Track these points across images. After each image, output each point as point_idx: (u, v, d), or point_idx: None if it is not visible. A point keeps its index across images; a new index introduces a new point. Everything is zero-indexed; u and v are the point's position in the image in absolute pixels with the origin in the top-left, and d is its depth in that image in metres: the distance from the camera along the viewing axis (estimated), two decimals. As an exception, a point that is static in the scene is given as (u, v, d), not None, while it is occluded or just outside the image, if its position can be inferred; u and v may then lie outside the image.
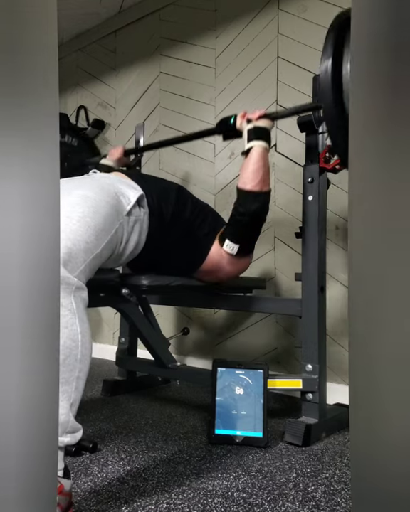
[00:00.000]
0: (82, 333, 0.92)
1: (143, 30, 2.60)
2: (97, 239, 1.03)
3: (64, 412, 0.87)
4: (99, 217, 1.05)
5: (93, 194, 1.08)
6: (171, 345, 1.84)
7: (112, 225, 1.10)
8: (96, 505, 0.94)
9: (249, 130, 1.38)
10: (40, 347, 0.41)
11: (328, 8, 1.86)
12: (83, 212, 1.02)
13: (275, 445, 1.30)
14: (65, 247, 0.94)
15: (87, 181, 1.18)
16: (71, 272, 0.93)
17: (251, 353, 2.03)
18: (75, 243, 0.96)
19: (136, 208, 1.20)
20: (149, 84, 2.55)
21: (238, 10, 2.16)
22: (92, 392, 1.85)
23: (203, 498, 0.98)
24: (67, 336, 0.89)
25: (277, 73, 2.02)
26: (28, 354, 0.40)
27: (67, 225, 0.97)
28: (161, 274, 1.39)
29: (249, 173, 1.33)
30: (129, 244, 1.20)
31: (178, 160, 2.38)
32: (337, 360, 1.77)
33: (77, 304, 0.93)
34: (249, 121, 1.40)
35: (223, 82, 2.22)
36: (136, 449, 1.25)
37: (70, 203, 1.03)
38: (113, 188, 1.17)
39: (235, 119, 1.45)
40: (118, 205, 1.14)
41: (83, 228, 0.99)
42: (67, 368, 0.89)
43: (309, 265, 1.40)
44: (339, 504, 0.96)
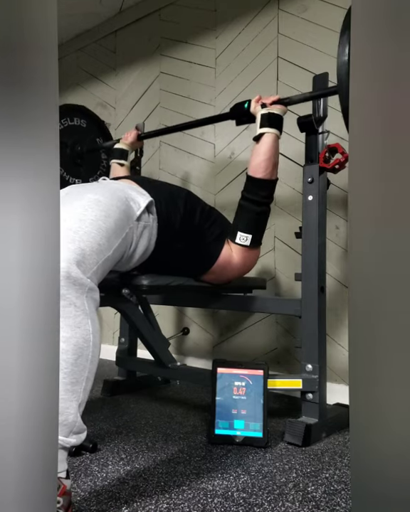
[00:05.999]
0: (93, 334, 0.93)
1: (143, 30, 2.60)
2: (109, 241, 1.05)
3: (73, 412, 0.87)
4: (110, 220, 1.07)
5: (104, 199, 1.10)
6: (171, 345, 1.84)
7: (123, 229, 1.12)
8: (96, 505, 0.94)
9: (263, 115, 1.39)
10: (40, 348, 0.41)
11: (328, 8, 1.86)
12: (96, 216, 1.04)
13: (275, 445, 1.30)
14: (79, 248, 0.95)
15: (99, 187, 1.20)
16: (84, 273, 0.94)
17: (251, 353, 2.03)
18: (88, 245, 0.98)
19: (145, 214, 1.22)
20: (149, 84, 2.55)
21: (238, 10, 2.17)
22: (92, 392, 1.85)
23: (203, 498, 0.98)
24: (79, 335, 0.90)
25: (277, 73, 2.02)
26: (29, 354, 0.40)
27: (81, 227, 0.99)
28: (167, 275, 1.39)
29: (260, 161, 1.35)
30: (138, 248, 1.21)
31: (178, 160, 2.38)
32: (337, 360, 1.77)
33: (89, 305, 0.94)
34: (263, 105, 1.41)
35: (223, 82, 2.22)
36: (136, 449, 1.25)
37: (83, 206, 1.06)
38: (123, 193, 1.19)
39: (249, 103, 1.46)
40: (128, 210, 1.16)
41: (96, 231, 1.01)
42: (78, 368, 0.89)
43: (309, 265, 1.40)
44: (339, 504, 0.96)
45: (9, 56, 0.38)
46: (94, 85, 2.87)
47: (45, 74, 0.41)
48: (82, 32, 2.91)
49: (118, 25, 2.72)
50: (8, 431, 0.39)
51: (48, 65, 0.41)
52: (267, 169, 1.35)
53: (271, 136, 1.36)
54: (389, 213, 0.39)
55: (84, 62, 2.94)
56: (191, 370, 1.77)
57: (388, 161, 0.39)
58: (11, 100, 0.38)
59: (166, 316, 2.35)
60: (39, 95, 0.40)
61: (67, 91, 3.02)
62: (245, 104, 1.47)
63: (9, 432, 0.39)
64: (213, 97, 2.26)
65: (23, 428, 0.40)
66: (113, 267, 1.16)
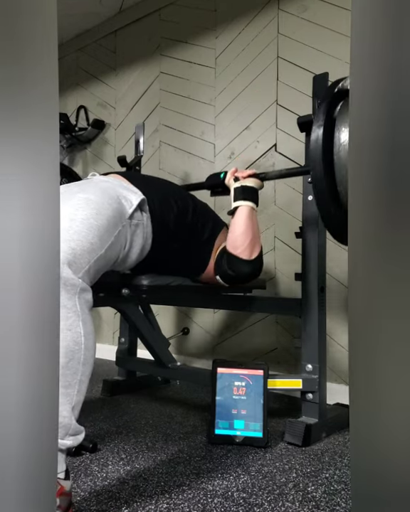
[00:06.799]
0: (85, 336, 0.91)
1: (143, 30, 2.60)
2: (101, 240, 1.03)
3: (66, 415, 0.87)
4: (102, 218, 1.05)
5: (95, 197, 1.09)
6: (171, 345, 1.84)
7: (115, 227, 1.10)
8: (96, 505, 0.94)
9: (236, 189, 1.35)
10: (40, 348, 0.41)
11: (328, 8, 1.86)
12: (86, 215, 1.02)
13: (275, 445, 1.30)
14: (69, 247, 0.94)
15: (89, 185, 1.18)
16: (75, 273, 0.93)
17: (251, 353, 2.03)
18: (79, 244, 0.96)
19: (138, 212, 1.20)
20: (149, 84, 2.55)
21: (238, 10, 2.17)
22: (92, 392, 1.85)
23: (203, 498, 0.98)
24: (70, 338, 0.89)
25: (277, 73, 2.02)
26: (28, 356, 0.40)
27: (71, 226, 0.98)
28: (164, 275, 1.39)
29: (237, 236, 1.30)
30: (134, 248, 1.20)
31: (178, 160, 2.38)
32: (337, 360, 1.77)
33: (81, 306, 0.92)
34: (237, 179, 1.38)
35: (223, 82, 2.22)
36: (136, 449, 1.25)
37: (73, 205, 1.04)
38: (114, 191, 1.18)
39: (225, 175, 1.43)
40: (120, 208, 1.14)
41: (87, 229, 0.99)
42: (70, 371, 0.88)
43: (309, 265, 1.40)
44: (339, 504, 0.96)
45: (9, 56, 0.38)
46: (94, 85, 2.87)
47: (45, 74, 0.41)
48: (82, 32, 2.91)
49: (118, 25, 2.72)
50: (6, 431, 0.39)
51: (48, 65, 0.41)
52: (245, 243, 1.28)
53: (246, 209, 1.32)
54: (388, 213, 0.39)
55: (84, 62, 2.94)
56: (191, 370, 1.77)
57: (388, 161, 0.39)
58: (11, 100, 0.38)
59: (166, 316, 2.35)
60: (39, 95, 0.40)
61: (67, 91, 3.02)
62: (221, 175, 1.44)
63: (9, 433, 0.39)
64: (213, 97, 2.26)
65: (22, 429, 0.40)
66: (110, 268, 1.14)
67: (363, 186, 0.40)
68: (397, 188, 0.38)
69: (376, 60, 0.39)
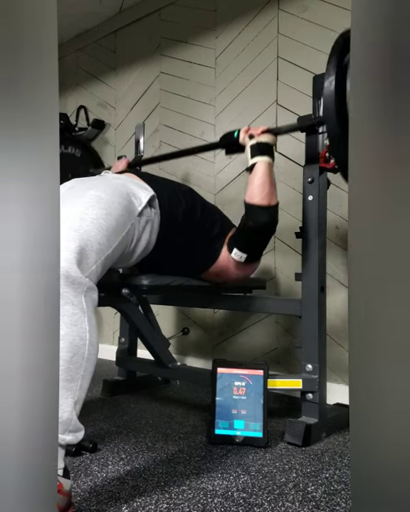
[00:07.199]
0: (90, 332, 0.93)
1: (143, 30, 2.60)
2: (109, 240, 1.05)
3: (68, 409, 0.87)
4: (111, 218, 1.07)
5: (106, 195, 1.11)
6: (171, 345, 1.84)
7: (124, 227, 1.13)
8: (96, 505, 0.94)
9: (252, 146, 1.37)
10: (41, 347, 0.41)
11: (328, 8, 1.86)
12: (97, 214, 1.04)
13: (275, 445, 1.30)
14: (79, 247, 0.96)
15: (101, 182, 1.20)
16: (83, 272, 0.95)
17: (251, 353, 2.03)
18: (88, 244, 0.98)
19: (147, 209, 1.22)
20: (149, 84, 2.55)
21: (238, 10, 2.16)
22: (92, 392, 1.85)
23: (203, 498, 0.98)
24: (76, 333, 0.90)
25: (277, 73, 2.02)
26: (29, 353, 0.40)
27: (81, 226, 1.00)
28: (168, 274, 1.39)
29: (255, 187, 1.32)
30: (140, 243, 1.22)
31: (178, 160, 2.38)
32: (337, 360, 1.77)
33: (87, 304, 0.94)
34: (251, 136, 1.39)
35: (223, 82, 2.22)
36: (136, 449, 1.25)
37: (84, 204, 1.06)
38: (125, 188, 1.19)
39: (238, 133, 1.44)
40: (130, 206, 1.16)
41: (96, 230, 1.02)
42: (73, 366, 0.89)
43: (309, 265, 1.40)
44: (339, 504, 0.96)
45: (9, 56, 0.38)
46: (94, 85, 2.87)
47: (45, 74, 0.41)
48: (82, 32, 2.91)
49: (118, 25, 2.72)
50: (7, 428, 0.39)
51: (48, 65, 0.41)
52: (263, 193, 1.30)
53: (264, 164, 1.33)
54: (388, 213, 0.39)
55: (84, 62, 2.94)
56: (191, 370, 1.77)
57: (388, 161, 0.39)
58: (11, 100, 0.38)
59: (166, 316, 2.35)
60: (39, 95, 0.40)
61: (67, 91, 3.02)
62: (234, 134, 1.45)
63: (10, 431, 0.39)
64: (213, 97, 2.25)
65: (23, 425, 0.40)
66: (114, 264, 1.16)
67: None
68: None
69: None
